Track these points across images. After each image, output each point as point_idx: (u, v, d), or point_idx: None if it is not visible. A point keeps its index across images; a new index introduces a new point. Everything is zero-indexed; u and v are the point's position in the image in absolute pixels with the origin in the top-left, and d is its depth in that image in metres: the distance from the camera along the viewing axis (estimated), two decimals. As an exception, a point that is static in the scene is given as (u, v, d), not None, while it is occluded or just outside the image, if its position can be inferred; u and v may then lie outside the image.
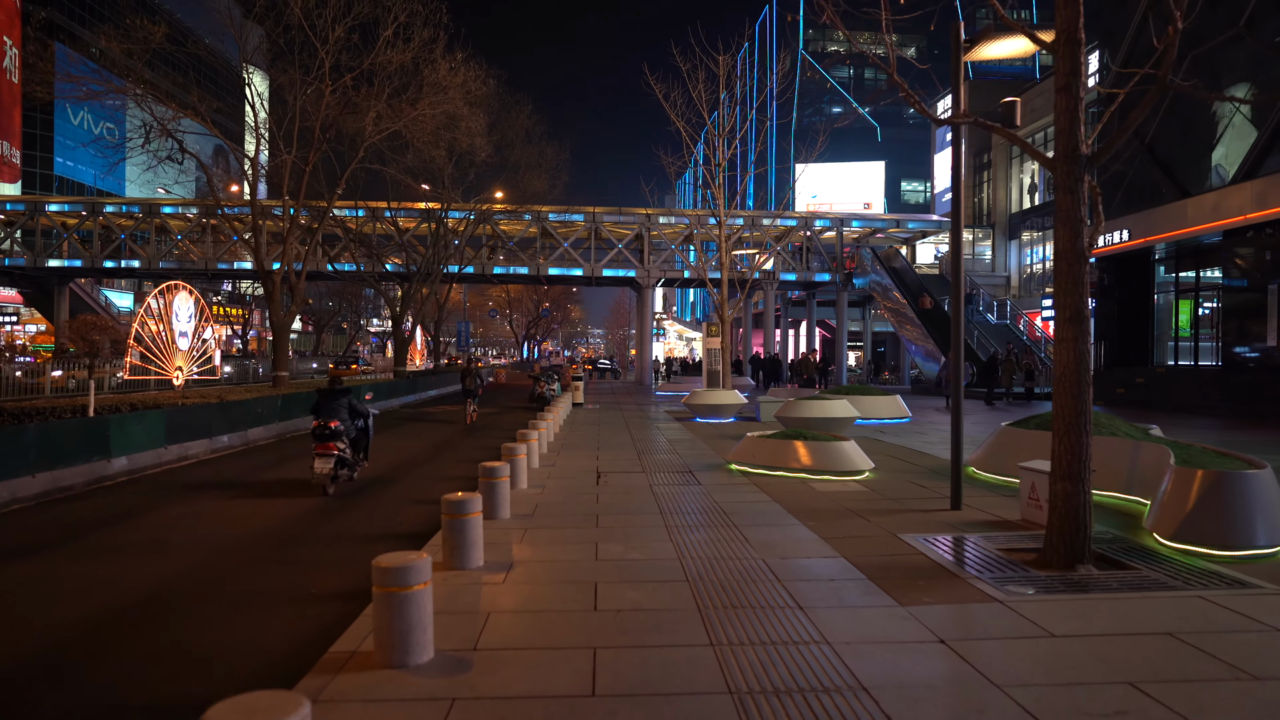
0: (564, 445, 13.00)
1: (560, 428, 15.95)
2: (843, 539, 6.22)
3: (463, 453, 13.56)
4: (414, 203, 36.21)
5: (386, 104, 19.19)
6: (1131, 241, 23.11)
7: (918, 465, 10.42)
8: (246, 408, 14.51)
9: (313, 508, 8.58)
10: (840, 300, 42.31)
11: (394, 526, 7.70)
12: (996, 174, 42.99)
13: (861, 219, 43.41)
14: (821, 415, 13.19)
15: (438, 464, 12.21)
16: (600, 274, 40.47)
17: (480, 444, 14.77)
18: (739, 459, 10.14)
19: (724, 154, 20.14)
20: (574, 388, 23.33)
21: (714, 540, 6.24)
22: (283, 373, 18.57)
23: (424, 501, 8.82)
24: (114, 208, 40.85)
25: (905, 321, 34.97)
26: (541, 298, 79.59)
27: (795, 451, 9.56)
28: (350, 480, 10.03)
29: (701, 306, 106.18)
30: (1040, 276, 40.32)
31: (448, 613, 4.54)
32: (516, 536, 6.45)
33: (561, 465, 10.62)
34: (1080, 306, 5.45)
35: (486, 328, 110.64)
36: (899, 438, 13.94)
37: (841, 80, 79.53)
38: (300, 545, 6.97)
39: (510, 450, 8.69)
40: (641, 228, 40.30)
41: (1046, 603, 4.61)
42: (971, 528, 6.61)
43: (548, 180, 29.81)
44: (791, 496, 8.13)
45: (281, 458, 12.75)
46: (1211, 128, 22.04)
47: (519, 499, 8.03)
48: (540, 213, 39.23)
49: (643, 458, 11.37)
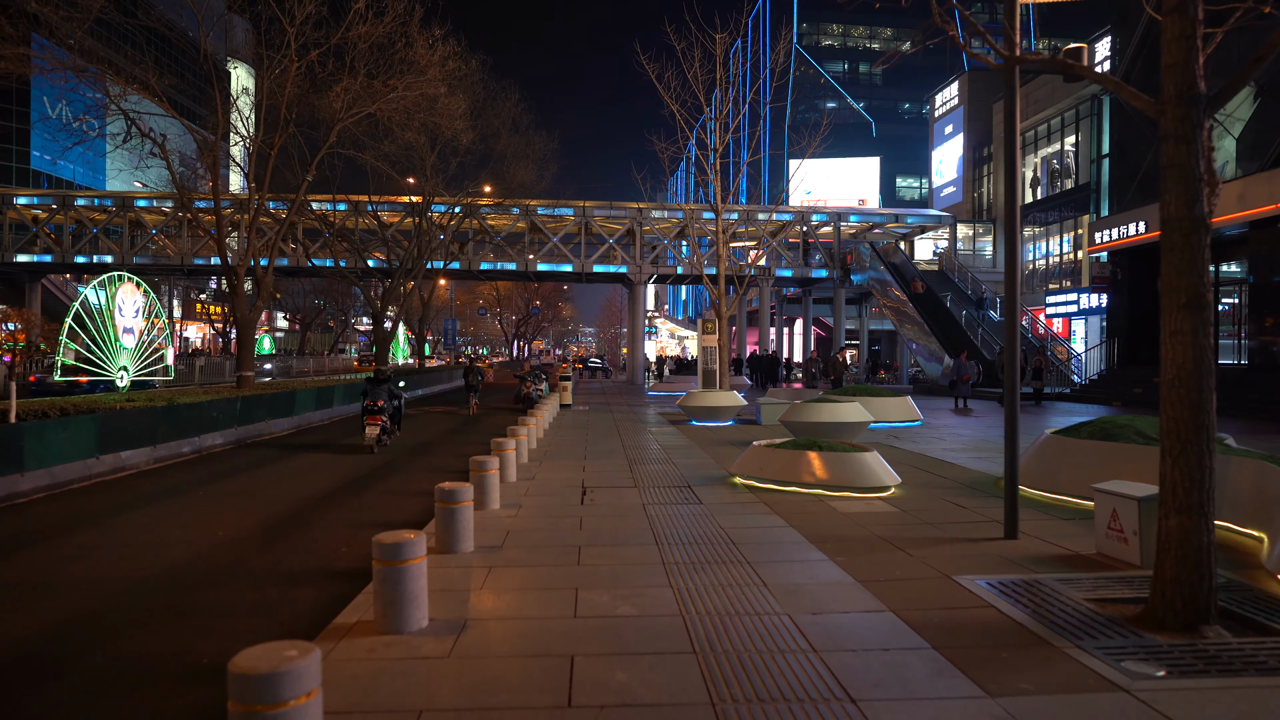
0: (547, 453, 11.73)
1: (545, 432, 14.68)
2: (884, 582, 4.97)
3: (470, 437, 14.67)
4: (397, 196, 34.87)
5: (361, 85, 17.85)
6: (1148, 234, 21.97)
7: (947, 478, 9.19)
8: (199, 411, 13.17)
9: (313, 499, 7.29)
10: (838, 297, 41.13)
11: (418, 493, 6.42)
12: (998, 167, 41.87)
13: (859, 214, 42.26)
14: (831, 420, 11.96)
15: (452, 444, 10.94)
16: (590, 270, 39.18)
17: (485, 429, 13.55)
18: (744, 471, 8.89)
19: (721, 138, 18.90)
20: (561, 388, 22.06)
21: (724, 584, 4.98)
22: (247, 372, 17.21)
23: (449, 471, 7.54)
24: (85, 201, 39.34)
25: (907, 319, 33.81)
26: (532, 296, 78.21)
27: (809, 464, 8.32)
28: (386, 445, 13.42)
29: (694, 305, 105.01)
30: (1044, 272, 39.22)
31: (359, 711, 3.27)
32: (477, 578, 5.18)
33: (542, 479, 9.34)
34: (1200, 290, 4.21)
35: (478, 326, 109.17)
36: (915, 444, 12.72)
37: (836, 75, 78.43)
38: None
39: (480, 464, 7.42)
40: (633, 222, 39.02)
41: (1189, 691, 3.37)
42: (1039, 565, 5.37)
43: (535, 170, 28.49)
44: (810, 519, 6.89)
45: (233, 468, 11.44)
46: (1238, 112, 20.92)
47: (487, 524, 6.76)
48: (528, 206, 37.91)
49: (635, 468, 10.11)
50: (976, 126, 45.41)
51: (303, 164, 19.09)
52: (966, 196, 45.87)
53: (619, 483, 9.02)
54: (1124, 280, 23.99)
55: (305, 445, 14.24)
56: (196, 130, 16.48)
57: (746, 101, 59.06)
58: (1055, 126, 37.39)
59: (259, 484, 10.09)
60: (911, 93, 74.00)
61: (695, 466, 10.24)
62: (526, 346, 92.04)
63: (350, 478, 10.54)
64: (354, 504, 8.81)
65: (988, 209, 44.08)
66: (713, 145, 18.69)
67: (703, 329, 20.36)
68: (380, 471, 11.14)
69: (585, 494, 8.30)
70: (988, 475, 9.39)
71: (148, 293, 16.42)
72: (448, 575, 5.22)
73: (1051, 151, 38.10)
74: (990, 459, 10.81)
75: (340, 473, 10.96)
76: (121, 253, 38.40)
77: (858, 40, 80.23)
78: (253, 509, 8.46)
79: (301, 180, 18.23)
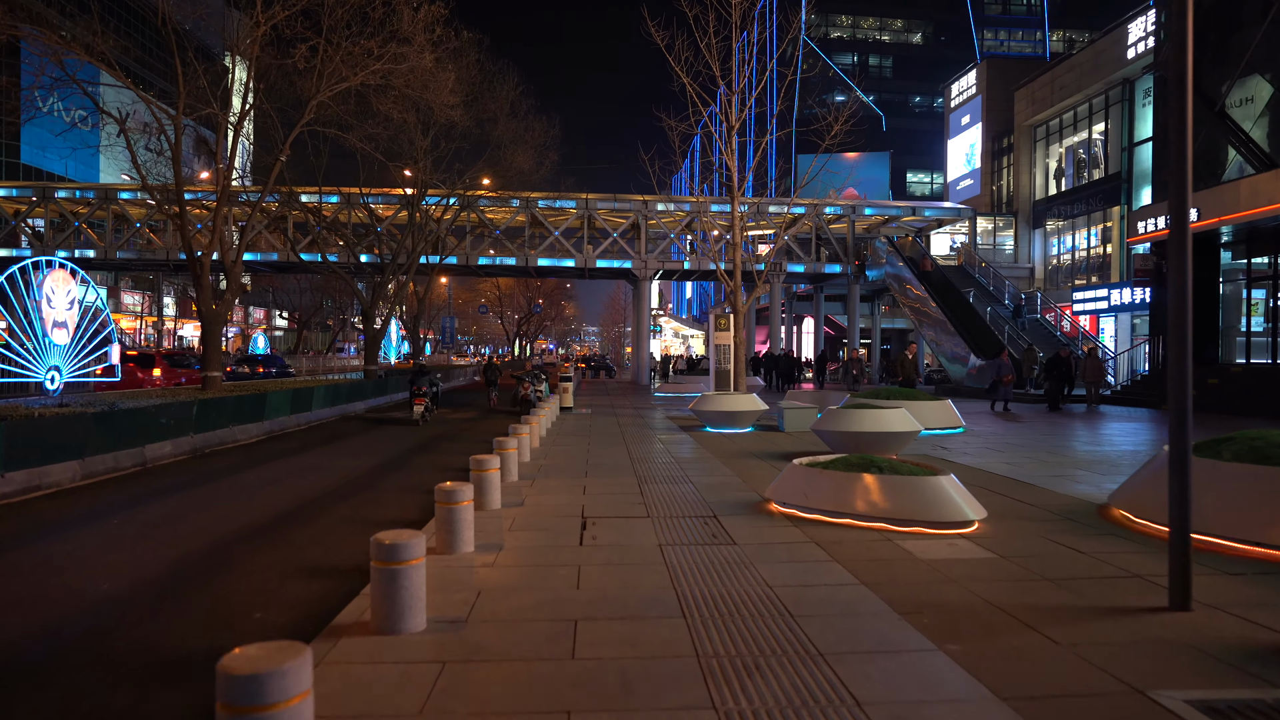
0: (542, 468, 10.00)
1: (541, 440, 12.96)
2: (1040, 702, 3.24)
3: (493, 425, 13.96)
4: (390, 189, 33.20)
5: (340, 57, 16.14)
6: (1199, 222, 20.16)
7: (1034, 505, 7.44)
8: (142, 419, 11.47)
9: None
10: (852, 294, 39.37)
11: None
12: (1019, 158, 40.06)
13: (875, 206, 40.45)
14: (875, 429, 10.20)
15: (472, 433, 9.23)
16: (594, 265, 37.45)
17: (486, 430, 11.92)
18: (783, 496, 7.16)
19: (738, 113, 17.18)
20: (562, 390, 20.35)
21: (796, 704, 3.25)
22: (214, 373, 15.52)
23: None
24: (66, 193, 37.70)
25: (927, 317, 32.02)
26: (534, 294, 76.53)
27: (868, 490, 6.59)
28: (428, 420, 16.92)
29: (698, 303, 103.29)
30: (1068, 268, 37.41)
31: None
32: (422, 683, 3.45)
33: (534, 504, 7.62)
34: None
35: (481, 325, 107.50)
36: (969, 456, 10.98)
37: (845, 68, 76.61)
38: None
39: (449, 494, 5.68)
40: (638, 215, 37.28)
41: None
42: (1255, 661, 3.64)
43: (534, 157, 26.73)
44: (883, 571, 5.16)
45: (176, 484, 9.73)
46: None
47: (453, 580, 5.04)
48: (528, 199, 36.19)
49: (645, 489, 8.38)
50: (996, 116, 43.60)
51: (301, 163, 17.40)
52: (985, 189, 44.06)
53: (627, 510, 7.29)
54: (1169, 273, 22.16)
55: (270, 455, 12.54)
56: (153, 104, 14.81)
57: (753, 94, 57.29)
58: (1082, 114, 35.55)
59: (196, 507, 8.38)
60: (922, 85, 72.19)
61: (719, 487, 8.49)
62: (529, 345, 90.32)
63: (306, 499, 8.83)
64: (299, 539, 7.09)
65: (1008, 201, 42.27)
66: (729, 124, 16.95)
67: (715, 325, 18.63)
68: (353, 488, 9.43)
69: (585, 527, 6.57)
70: (1082, 500, 7.64)
71: (86, 282, 14.71)
72: (380, 680, 3.50)
73: (1078, 141, 36.28)
74: (1073, 477, 9.05)
75: (297, 493, 9.25)
76: (105, 247, 36.77)
77: (867, 32, 78.37)
78: (173, 543, 6.75)
79: (275, 160, 16.54)
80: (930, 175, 72.26)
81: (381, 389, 24.17)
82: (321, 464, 11.63)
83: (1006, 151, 42.61)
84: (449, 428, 17.25)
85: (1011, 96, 41.46)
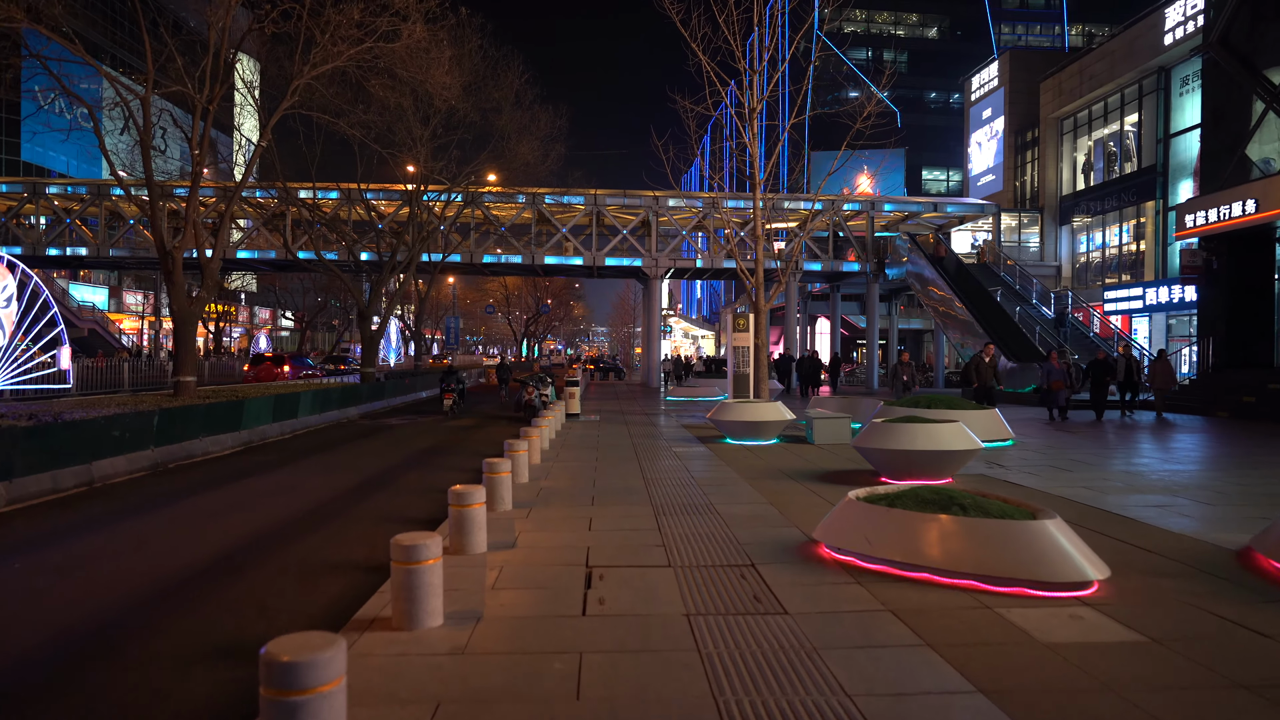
0: (542, 492, 8.59)
1: (544, 453, 11.56)
2: None
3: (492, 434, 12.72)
4: (391, 184, 31.90)
5: (327, 34, 14.78)
6: (1257, 215, 18.62)
7: (1149, 550, 5.97)
8: (89, 431, 10.11)
9: None
10: (870, 293, 37.86)
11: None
12: (1045, 152, 38.43)
13: (894, 202, 38.91)
14: (930, 446, 8.74)
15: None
16: (602, 264, 36.03)
17: (485, 438, 10.50)
18: (837, 539, 5.73)
19: (759, 95, 15.78)
20: (568, 394, 18.95)
21: None
22: (187, 378, 14.18)
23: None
24: (58, 189, 36.53)
25: (952, 318, 30.47)
26: (542, 294, 75.17)
27: (948, 536, 5.15)
28: (456, 412, 20.14)
29: (709, 303, 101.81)
30: (1098, 265, 35.77)
31: None
32: None
33: (528, 545, 6.21)
34: None
35: (490, 326, 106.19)
36: (1032, 475, 9.50)
37: (858, 63, 75.01)
38: None
39: (410, 551, 4.26)
40: (649, 212, 35.85)
41: None
42: None
43: (540, 148, 25.35)
44: (999, 665, 3.72)
45: (117, 509, 8.37)
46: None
47: (405, 683, 3.62)
48: (535, 194, 34.83)
49: (664, 524, 6.96)
50: (1019, 109, 41.97)
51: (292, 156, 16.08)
52: (1007, 185, 42.43)
53: (643, 554, 5.88)
54: (1222, 270, 20.60)
55: (239, 472, 11.18)
56: (118, 80, 13.49)
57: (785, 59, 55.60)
58: (1114, 105, 33.91)
59: (122, 545, 7.01)
60: (938, 81, 70.58)
61: (751, 520, 7.06)
62: (537, 346, 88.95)
63: (258, 533, 7.45)
64: (230, 599, 5.70)
65: (1032, 197, 40.65)
66: (749, 105, 15.54)
67: (734, 325, 17.16)
68: (316, 519, 8.05)
69: (590, 583, 5.15)
70: (1208, 544, 6.14)
71: (28, 276, 13.39)
72: None
73: (1108, 133, 34.64)
74: (1174, 508, 7.56)
75: (249, 526, 7.87)
76: (97, 244, 35.59)
77: (882, 26, 76.75)
78: (65, 604, 5.38)
79: (283, 167, 15.22)
80: (946, 173, 70.70)
81: (378, 393, 22.81)
82: (293, 483, 10.25)
83: (1031, 145, 40.99)
84: (446, 436, 15.87)
85: (1035, 89, 39.84)
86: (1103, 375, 16.87)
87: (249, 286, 73.35)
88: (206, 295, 14.98)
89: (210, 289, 14.88)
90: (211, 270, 14.83)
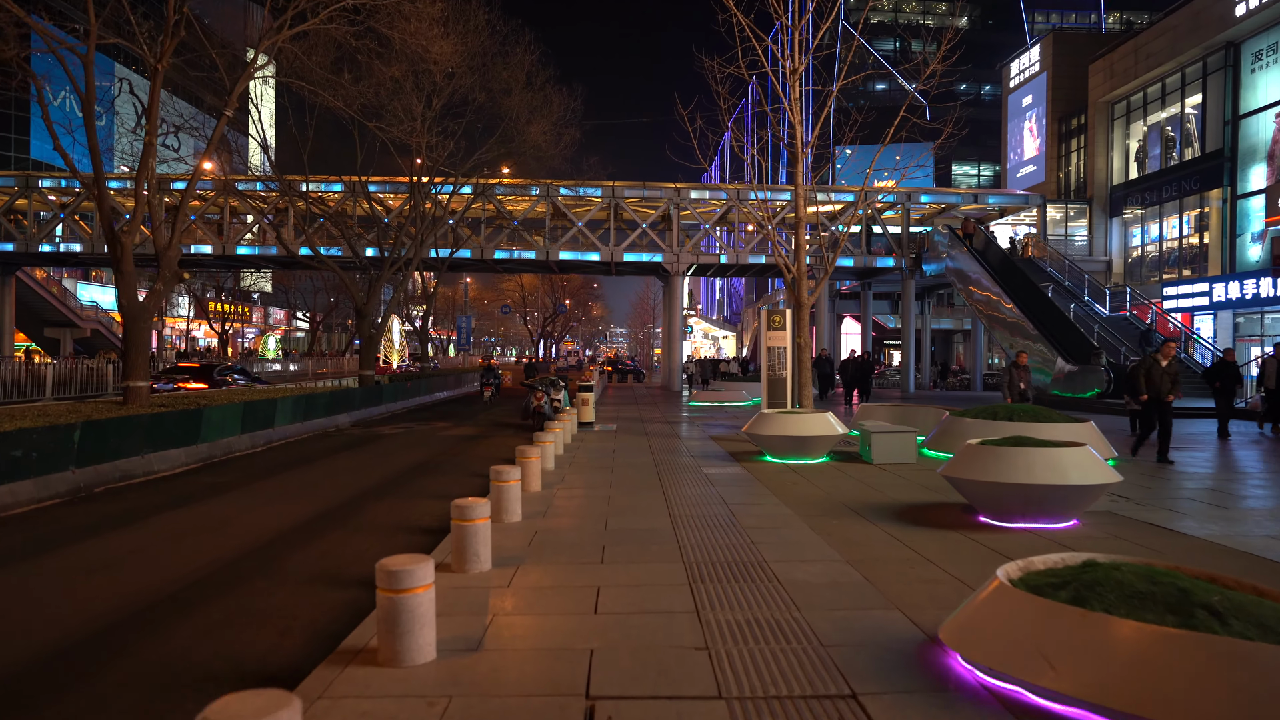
0: (537, 536, 6.48)
1: (546, 477, 9.46)
2: None
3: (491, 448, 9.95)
4: (396, 177, 30.02)
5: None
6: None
7: None
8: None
9: None
10: (907, 290, 35.49)
11: None
12: (1094, 139, 35.86)
13: (931, 194, 36.53)
14: (1052, 480, 6.54)
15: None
16: (621, 259, 33.94)
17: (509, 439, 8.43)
18: (987, 653, 3.57)
19: (800, 56, 13.66)
20: (582, 400, 16.89)
21: None
22: (137, 383, 12.24)
23: None
24: (52, 182, 34.97)
25: (999, 317, 28.07)
26: (559, 294, 73.27)
27: (1204, 673, 2.99)
28: (493, 402, 24.16)
29: (730, 303, 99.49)
30: (1153, 259, 33.18)
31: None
32: None
33: (503, 638, 4.11)
34: None
35: (509, 326, 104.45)
36: (1175, 512, 7.28)
37: (885, 54, 72.49)
38: None
39: (320, 687, 2.18)
40: (669, 204, 33.74)
41: None
42: None
43: (552, 130, 23.30)
44: None
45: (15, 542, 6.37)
46: None
47: None
48: (549, 186, 32.83)
49: (703, 597, 4.84)
50: (1063, 95, 39.42)
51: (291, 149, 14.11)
52: (1050, 176, 39.90)
53: (673, 660, 3.77)
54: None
55: (177, 499, 9.18)
56: (49, 34, 11.62)
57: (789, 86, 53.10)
58: (1173, 85, 31.33)
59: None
60: (969, 72, 67.98)
61: (831, 594, 4.91)
62: (554, 347, 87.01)
63: (151, 596, 5.40)
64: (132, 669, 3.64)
65: (1078, 188, 38.12)
66: (790, 66, 13.39)
67: (769, 322, 14.96)
68: (237, 575, 6.01)
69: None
70: None
71: None
72: None
73: (1166, 117, 32.06)
74: None
75: (143, 583, 5.83)
76: (92, 240, 33.97)
77: (910, 16, 74.23)
78: None
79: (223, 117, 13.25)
80: (978, 167, 68.20)
81: (374, 398, 20.84)
82: (229, 516, 8.21)
83: (1077, 133, 38.46)
84: (440, 449, 13.83)
85: (1080, 73, 37.30)
86: (1225, 382, 14.26)
87: (264, 287, 72.04)
88: (163, 288, 13.05)
89: (168, 281, 12.96)
90: (169, 260, 12.88)
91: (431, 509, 8.51)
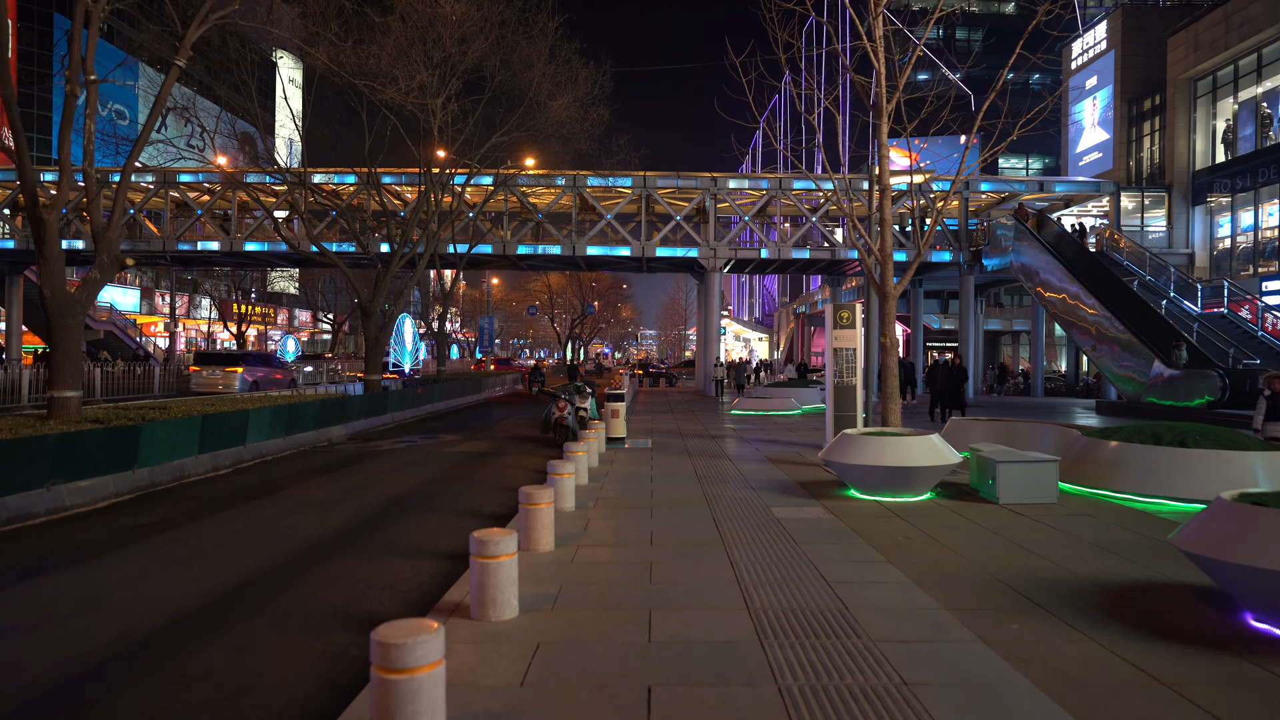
0: (540, 651, 3.92)
1: (563, 519, 6.89)
2: None
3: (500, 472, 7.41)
4: (412, 168, 27.78)
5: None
6: None
7: None
8: None
9: None
10: (965, 287, 32.58)
11: None
12: (1173, 120, 32.54)
13: (992, 182, 33.53)
14: None
15: None
16: (653, 254, 31.39)
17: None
18: None
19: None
20: (611, 412, 14.35)
21: None
22: (65, 393, 9.93)
23: None
24: (54, 175, 33.29)
25: (1078, 318, 25.03)
26: (588, 294, 70.85)
27: None
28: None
29: (763, 304, 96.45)
30: (1244, 251, 29.86)
31: None
32: None
33: None
34: None
35: (538, 329, 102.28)
36: None
37: (928, 42, 68.99)
38: None
39: None
40: (705, 195, 31.13)
41: None
42: None
43: (578, 107, 20.81)
44: None
45: None
46: None
47: None
48: (576, 177, 30.37)
49: None
50: (1134, 74, 36.12)
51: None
52: (1119, 162, 36.56)
53: None
54: None
55: (62, 554, 6.78)
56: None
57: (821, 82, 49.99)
58: (1270, 56, 28.06)
59: None
60: (1019, 60, 64.31)
61: None
62: (582, 349, 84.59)
63: None
64: None
65: (1151, 174, 34.83)
66: None
67: (836, 319, 12.18)
68: None
69: None
70: None
71: None
72: None
73: (1263, 92, 28.74)
74: None
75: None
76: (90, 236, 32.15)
77: (954, 2, 70.79)
78: None
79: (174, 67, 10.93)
80: (1026, 159, 64.73)
81: (377, 406, 18.48)
82: (121, 588, 5.76)
83: (1150, 115, 35.16)
84: (439, 472, 11.36)
85: (1154, 49, 34.00)
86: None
87: (287, 288, 70.63)
88: (100, 277, 10.74)
89: (106, 268, 10.65)
90: (108, 243, 10.56)
91: (396, 576, 6.02)
